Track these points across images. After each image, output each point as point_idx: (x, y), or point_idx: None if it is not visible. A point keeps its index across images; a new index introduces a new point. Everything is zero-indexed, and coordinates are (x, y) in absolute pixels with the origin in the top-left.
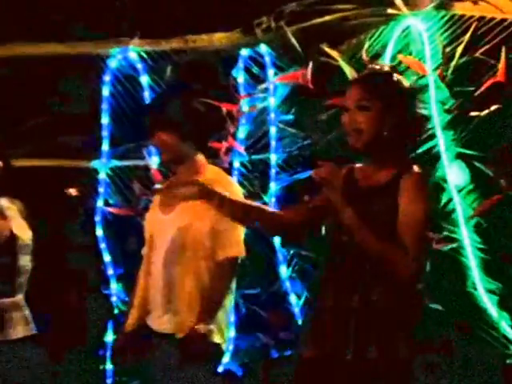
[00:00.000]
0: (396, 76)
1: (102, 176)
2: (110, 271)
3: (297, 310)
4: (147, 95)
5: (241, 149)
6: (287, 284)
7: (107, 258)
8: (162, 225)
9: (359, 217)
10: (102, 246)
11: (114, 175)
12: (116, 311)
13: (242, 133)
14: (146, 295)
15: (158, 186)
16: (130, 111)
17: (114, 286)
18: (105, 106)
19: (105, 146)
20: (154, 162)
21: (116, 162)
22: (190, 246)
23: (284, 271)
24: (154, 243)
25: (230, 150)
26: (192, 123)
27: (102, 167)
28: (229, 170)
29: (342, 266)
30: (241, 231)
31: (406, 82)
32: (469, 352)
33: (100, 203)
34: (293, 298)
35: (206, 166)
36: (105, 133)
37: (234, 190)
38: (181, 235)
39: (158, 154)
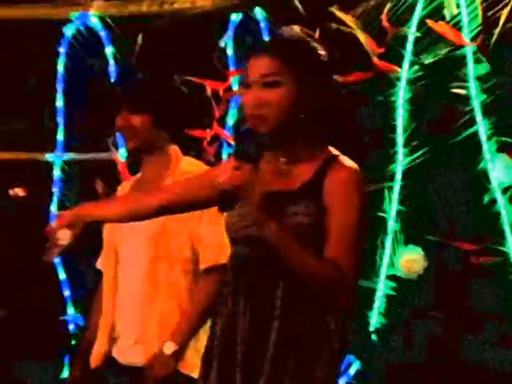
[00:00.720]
0: (313, 43)
1: (57, 172)
2: (66, 292)
3: None
4: (112, 70)
5: (229, 138)
6: None
7: (62, 275)
8: (128, 231)
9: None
10: (56, 260)
11: (71, 171)
12: (74, 342)
13: (231, 118)
14: (112, 320)
15: (125, 182)
16: (91, 91)
17: (71, 311)
18: (59, 85)
19: (60, 135)
20: (121, 154)
21: (74, 155)
22: (165, 257)
23: None
24: (118, 254)
25: (215, 139)
26: (167, 104)
27: (56, 161)
28: (214, 165)
29: (248, 287)
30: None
31: (324, 51)
32: None
33: (53, 207)
34: None
35: (180, 157)
36: (59, 118)
37: None
38: (153, 244)
39: (123, 141)
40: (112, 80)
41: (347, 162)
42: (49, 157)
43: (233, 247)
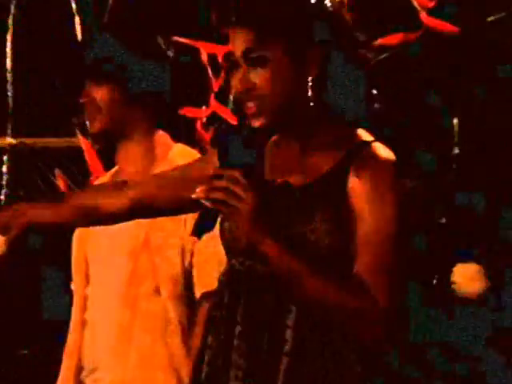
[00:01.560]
0: None
1: (4, 163)
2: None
3: None
4: (78, 32)
5: (231, 118)
6: None
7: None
8: (100, 243)
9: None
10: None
11: (22, 161)
12: None
13: (233, 92)
14: (77, 356)
15: (98, 180)
16: (51, 55)
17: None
18: (9, 51)
19: (9, 115)
20: (89, 140)
21: (26, 141)
22: (148, 278)
23: None
24: (89, 273)
25: (212, 120)
26: (149, 74)
27: (4, 148)
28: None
29: (247, 312)
30: None
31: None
32: None
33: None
34: None
35: (169, 145)
36: (9, 92)
37: None
38: (131, 260)
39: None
40: (78, 41)
41: (381, 150)
42: None
43: (229, 260)
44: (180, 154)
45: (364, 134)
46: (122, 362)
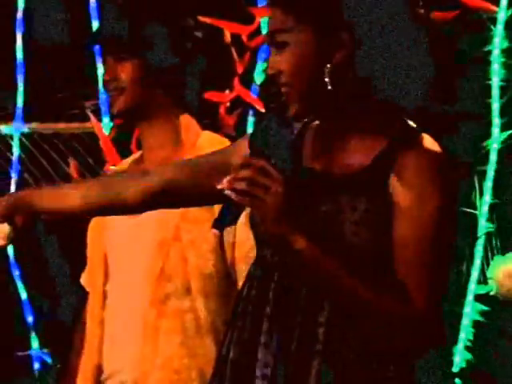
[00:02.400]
0: None
1: (15, 150)
2: (29, 318)
3: None
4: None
5: (258, 103)
6: None
7: (23, 294)
8: (124, 235)
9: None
10: (15, 273)
11: (34, 147)
12: None
13: (259, 75)
14: (97, 359)
15: (112, 168)
16: (64, 36)
17: (36, 345)
18: (19, 30)
19: (19, 100)
20: (104, 125)
21: (38, 127)
22: (178, 274)
23: None
24: (107, 268)
25: (237, 105)
26: (174, 54)
27: (15, 135)
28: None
29: (277, 307)
30: None
31: None
32: None
33: None
34: None
35: (197, 131)
36: (19, 76)
37: None
38: (161, 254)
39: (108, 105)
40: (93, 19)
41: (428, 141)
42: (4, 129)
43: (259, 250)
44: (209, 142)
45: (408, 122)
46: (146, 364)
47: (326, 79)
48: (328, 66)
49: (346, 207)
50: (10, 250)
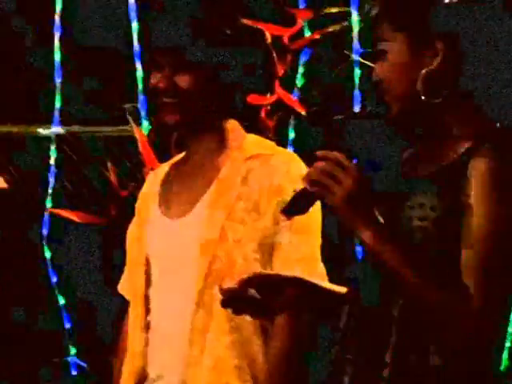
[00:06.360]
0: None
1: (53, 154)
2: (67, 324)
3: None
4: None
5: (299, 106)
6: None
7: (61, 301)
8: (168, 237)
9: (391, 231)
10: (53, 280)
11: (71, 151)
12: None
13: (300, 78)
14: (142, 363)
15: (151, 171)
16: (102, 36)
17: (73, 351)
18: (56, 31)
19: (57, 102)
20: (144, 128)
21: (74, 129)
22: (225, 275)
23: None
24: (152, 271)
25: (277, 108)
26: (231, 61)
27: (52, 137)
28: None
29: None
30: (317, 241)
31: None
32: None
33: (49, 203)
34: None
35: (242, 135)
36: (57, 78)
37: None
38: (207, 256)
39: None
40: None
41: (506, 144)
42: (42, 131)
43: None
44: (255, 145)
45: (492, 128)
46: (194, 368)
47: (419, 87)
48: (421, 73)
49: (416, 203)
50: (48, 255)
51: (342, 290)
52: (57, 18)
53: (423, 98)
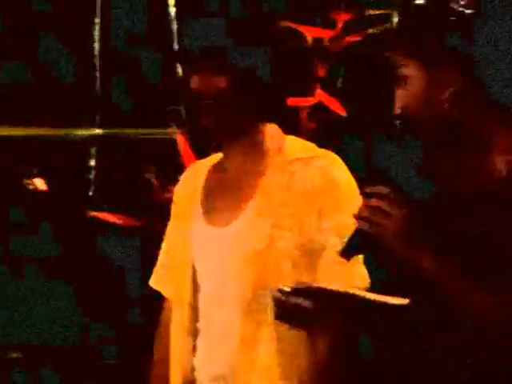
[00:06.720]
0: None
1: (93, 156)
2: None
3: None
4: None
5: (341, 109)
6: None
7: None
8: (215, 246)
9: (450, 252)
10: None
11: (112, 154)
12: None
13: (340, 79)
14: (189, 368)
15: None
16: (144, 37)
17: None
18: (96, 32)
19: (98, 104)
20: (183, 132)
21: (115, 131)
22: (275, 283)
23: None
24: (199, 279)
25: (318, 109)
26: (274, 70)
27: (93, 140)
28: None
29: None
30: None
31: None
32: None
33: (89, 206)
34: None
35: (282, 136)
36: (97, 82)
37: (349, 190)
38: (257, 265)
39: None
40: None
41: None
42: (82, 133)
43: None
44: (297, 148)
45: None
46: (244, 374)
47: (446, 107)
48: (446, 93)
49: (480, 217)
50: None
51: (400, 301)
52: (97, 20)
53: (454, 116)
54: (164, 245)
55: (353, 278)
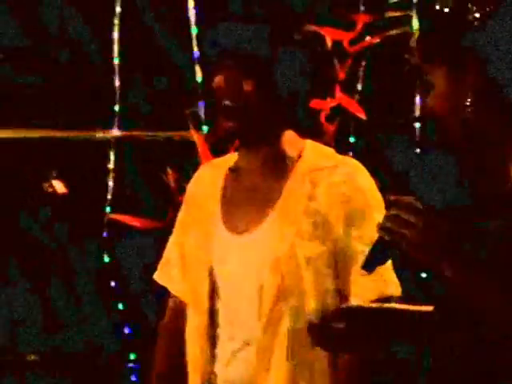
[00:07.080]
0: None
1: (112, 158)
2: (126, 330)
3: None
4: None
5: (361, 112)
6: None
7: (120, 305)
8: (235, 252)
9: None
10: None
11: (130, 156)
12: None
13: (361, 81)
14: (207, 373)
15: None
16: (162, 40)
17: (133, 357)
18: (115, 43)
19: (116, 106)
20: (201, 134)
21: (133, 133)
22: (293, 295)
23: None
24: (218, 285)
25: (338, 112)
26: (301, 77)
27: (109, 142)
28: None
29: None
30: None
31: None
32: None
33: (108, 208)
34: None
35: (301, 142)
36: (116, 83)
37: (374, 197)
38: (277, 273)
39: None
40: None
41: None
42: (100, 136)
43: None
44: (316, 154)
45: None
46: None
47: (468, 112)
48: (469, 96)
49: (493, 221)
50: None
51: (429, 308)
52: (116, 22)
53: (477, 119)
54: (172, 238)
55: (387, 286)
